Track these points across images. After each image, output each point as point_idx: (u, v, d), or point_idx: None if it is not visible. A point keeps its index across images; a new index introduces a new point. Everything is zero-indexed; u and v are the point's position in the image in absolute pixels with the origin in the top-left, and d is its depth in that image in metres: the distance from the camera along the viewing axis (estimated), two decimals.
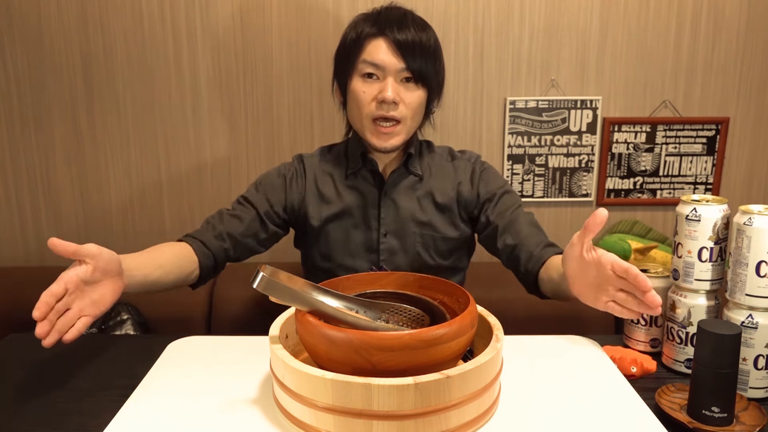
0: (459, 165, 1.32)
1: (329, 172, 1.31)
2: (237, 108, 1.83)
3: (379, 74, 1.18)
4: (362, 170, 1.28)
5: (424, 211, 1.27)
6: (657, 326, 1.07)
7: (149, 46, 1.78)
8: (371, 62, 1.17)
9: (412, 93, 1.19)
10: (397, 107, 1.18)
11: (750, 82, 1.84)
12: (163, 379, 0.90)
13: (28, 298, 1.66)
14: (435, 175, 1.30)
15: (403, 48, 1.16)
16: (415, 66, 1.17)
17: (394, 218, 1.27)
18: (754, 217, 0.90)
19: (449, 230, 1.28)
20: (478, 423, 0.75)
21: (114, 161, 1.86)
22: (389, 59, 1.17)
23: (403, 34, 1.17)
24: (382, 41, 1.17)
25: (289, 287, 0.77)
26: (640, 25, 1.80)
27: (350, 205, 1.27)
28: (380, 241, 1.27)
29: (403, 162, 1.27)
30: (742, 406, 0.88)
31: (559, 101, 1.83)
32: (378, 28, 1.18)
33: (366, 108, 1.20)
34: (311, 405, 0.72)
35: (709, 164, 1.88)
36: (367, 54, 1.18)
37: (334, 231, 1.28)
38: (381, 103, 1.18)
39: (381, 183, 1.28)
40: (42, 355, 1.06)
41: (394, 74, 1.17)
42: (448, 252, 1.30)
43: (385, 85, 1.17)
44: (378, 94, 1.18)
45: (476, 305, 0.81)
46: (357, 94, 1.20)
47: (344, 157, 1.31)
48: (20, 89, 1.81)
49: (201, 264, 1.20)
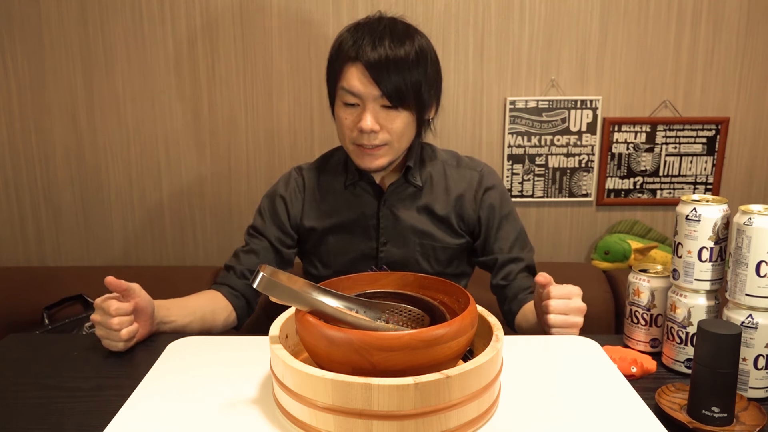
0: (464, 174, 1.28)
1: (328, 182, 1.30)
2: (237, 108, 1.83)
3: (358, 101, 1.15)
4: (360, 181, 1.27)
5: (423, 222, 1.26)
6: (657, 326, 1.07)
7: (149, 46, 1.79)
8: (348, 90, 1.14)
9: (393, 119, 1.15)
10: (377, 135, 1.15)
11: (750, 82, 1.84)
12: (163, 379, 0.90)
13: (28, 298, 1.68)
14: (435, 186, 1.27)
15: (378, 71, 1.11)
16: (392, 91, 1.12)
17: (393, 228, 1.26)
18: (754, 217, 0.90)
19: (449, 240, 1.27)
20: (478, 423, 0.75)
21: (114, 161, 1.87)
22: (365, 87, 1.12)
23: (377, 52, 1.11)
24: (357, 67, 1.12)
25: (289, 287, 0.77)
26: (640, 25, 1.80)
27: (349, 216, 1.27)
28: (380, 250, 1.27)
29: (403, 174, 1.26)
30: (742, 406, 0.88)
31: (559, 101, 1.83)
32: (355, 50, 1.13)
33: (348, 134, 1.18)
34: (311, 405, 0.72)
35: (709, 164, 1.88)
36: (345, 81, 1.14)
37: (334, 241, 1.28)
38: (361, 133, 1.15)
39: (380, 193, 1.27)
40: (41, 355, 1.06)
41: (373, 101, 1.13)
42: (448, 260, 1.29)
43: (364, 115, 1.13)
44: (358, 123, 1.15)
45: (476, 305, 0.81)
46: (340, 119, 1.19)
47: (343, 167, 1.30)
48: (20, 89, 1.81)
49: (234, 306, 1.26)
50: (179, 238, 1.92)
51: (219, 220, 1.91)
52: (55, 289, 1.69)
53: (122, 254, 1.93)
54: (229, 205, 1.90)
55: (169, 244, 1.93)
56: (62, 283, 1.72)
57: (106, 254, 1.93)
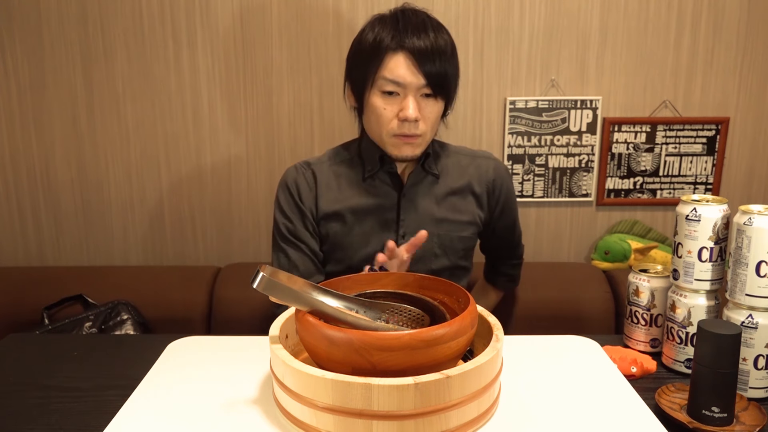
0: (480, 163, 1.32)
1: (343, 175, 1.28)
2: (237, 108, 1.83)
3: (399, 91, 1.15)
4: (380, 172, 1.27)
5: (441, 210, 1.27)
6: (657, 326, 1.07)
7: (149, 46, 1.79)
8: (392, 80, 1.14)
9: (431, 107, 1.18)
10: (418, 124, 1.17)
11: (750, 82, 1.84)
12: (163, 379, 0.90)
13: (28, 298, 1.68)
14: (452, 173, 1.30)
15: (424, 60, 1.13)
16: (435, 80, 1.15)
17: (414, 219, 1.26)
18: (754, 217, 0.90)
19: (465, 227, 1.29)
20: (478, 423, 0.75)
21: (114, 161, 1.87)
22: (411, 77, 1.14)
23: (423, 41, 1.13)
24: (403, 56, 1.14)
25: (289, 287, 0.77)
26: (640, 25, 1.80)
27: (369, 209, 1.26)
28: (399, 243, 1.25)
29: (421, 163, 1.27)
30: (742, 406, 0.88)
31: (559, 101, 1.83)
32: (398, 40, 1.14)
33: (387, 125, 1.18)
34: (311, 405, 0.72)
35: (709, 164, 1.88)
36: (388, 71, 1.14)
37: (353, 235, 1.26)
38: (403, 122, 1.16)
39: (399, 185, 1.27)
40: (42, 355, 1.06)
41: (415, 90, 1.15)
42: (464, 251, 1.31)
43: (407, 103, 1.15)
44: (399, 112, 1.16)
45: (476, 305, 0.81)
46: (377, 110, 1.18)
47: (359, 159, 1.29)
48: (20, 89, 1.81)
49: None
50: (179, 238, 1.92)
51: (219, 220, 1.91)
52: (55, 289, 1.69)
53: (122, 254, 1.93)
54: (229, 205, 1.90)
55: (169, 244, 1.93)
56: (62, 283, 1.72)
57: (106, 254, 1.93)
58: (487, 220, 1.33)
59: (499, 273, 1.48)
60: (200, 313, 1.69)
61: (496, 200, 1.32)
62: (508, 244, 1.42)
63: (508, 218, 1.36)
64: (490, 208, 1.33)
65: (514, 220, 1.38)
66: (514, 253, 1.46)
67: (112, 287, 1.70)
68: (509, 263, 1.47)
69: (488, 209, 1.32)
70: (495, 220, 1.34)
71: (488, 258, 1.49)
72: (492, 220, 1.34)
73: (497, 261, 1.47)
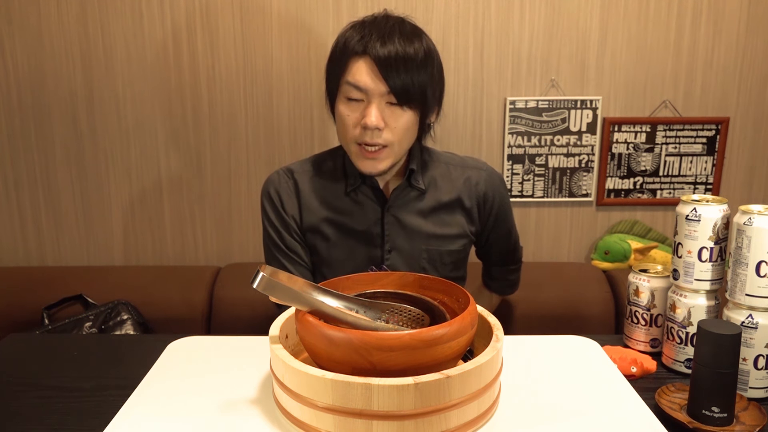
0: (469, 173, 1.27)
1: (326, 187, 1.24)
2: (237, 108, 1.83)
3: (363, 97, 1.11)
4: (362, 186, 1.22)
5: (428, 225, 1.23)
6: (657, 326, 1.07)
7: (149, 46, 1.79)
8: (354, 85, 1.11)
9: (398, 117, 1.12)
10: (381, 133, 1.12)
11: (750, 82, 1.84)
12: (163, 379, 0.90)
13: (28, 298, 1.68)
14: (440, 186, 1.25)
15: (387, 67, 1.08)
16: (399, 88, 1.09)
17: (399, 235, 1.23)
18: (754, 217, 0.90)
19: (454, 240, 1.25)
20: (478, 423, 0.75)
21: (114, 161, 1.87)
22: (372, 82, 1.09)
23: (387, 48, 1.09)
24: (365, 61, 1.10)
25: (289, 287, 0.77)
26: (640, 25, 1.80)
27: (352, 224, 1.22)
28: (384, 258, 1.23)
29: (406, 177, 1.22)
30: (742, 406, 0.88)
31: (559, 101, 1.83)
32: (362, 45, 1.10)
33: (350, 132, 1.14)
34: (311, 405, 0.72)
35: (709, 164, 1.88)
36: (350, 75, 1.11)
37: (337, 249, 1.23)
38: (365, 129, 1.12)
39: (383, 199, 1.23)
40: (42, 355, 1.06)
41: (379, 97, 1.10)
42: (453, 264, 1.27)
43: (369, 110, 1.10)
44: (362, 119, 1.11)
45: (476, 305, 0.81)
46: (342, 117, 1.15)
47: (341, 172, 1.25)
48: (20, 89, 1.81)
49: None
50: (179, 238, 1.92)
51: (219, 220, 1.91)
52: (55, 289, 1.69)
53: (122, 254, 1.93)
54: (229, 205, 1.90)
55: (169, 244, 1.93)
56: (62, 283, 1.72)
57: (106, 254, 1.93)
58: (479, 232, 1.30)
59: (496, 279, 1.44)
60: (200, 313, 1.69)
61: (488, 213, 1.28)
62: (503, 251, 1.38)
63: (501, 228, 1.32)
64: (482, 221, 1.29)
65: (508, 229, 1.34)
66: (511, 259, 1.41)
67: (112, 287, 1.70)
68: (506, 269, 1.42)
69: (480, 222, 1.28)
70: (488, 231, 1.31)
71: (485, 264, 1.44)
72: (485, 232, 1.31)
73: (493, 267, 1.43)
